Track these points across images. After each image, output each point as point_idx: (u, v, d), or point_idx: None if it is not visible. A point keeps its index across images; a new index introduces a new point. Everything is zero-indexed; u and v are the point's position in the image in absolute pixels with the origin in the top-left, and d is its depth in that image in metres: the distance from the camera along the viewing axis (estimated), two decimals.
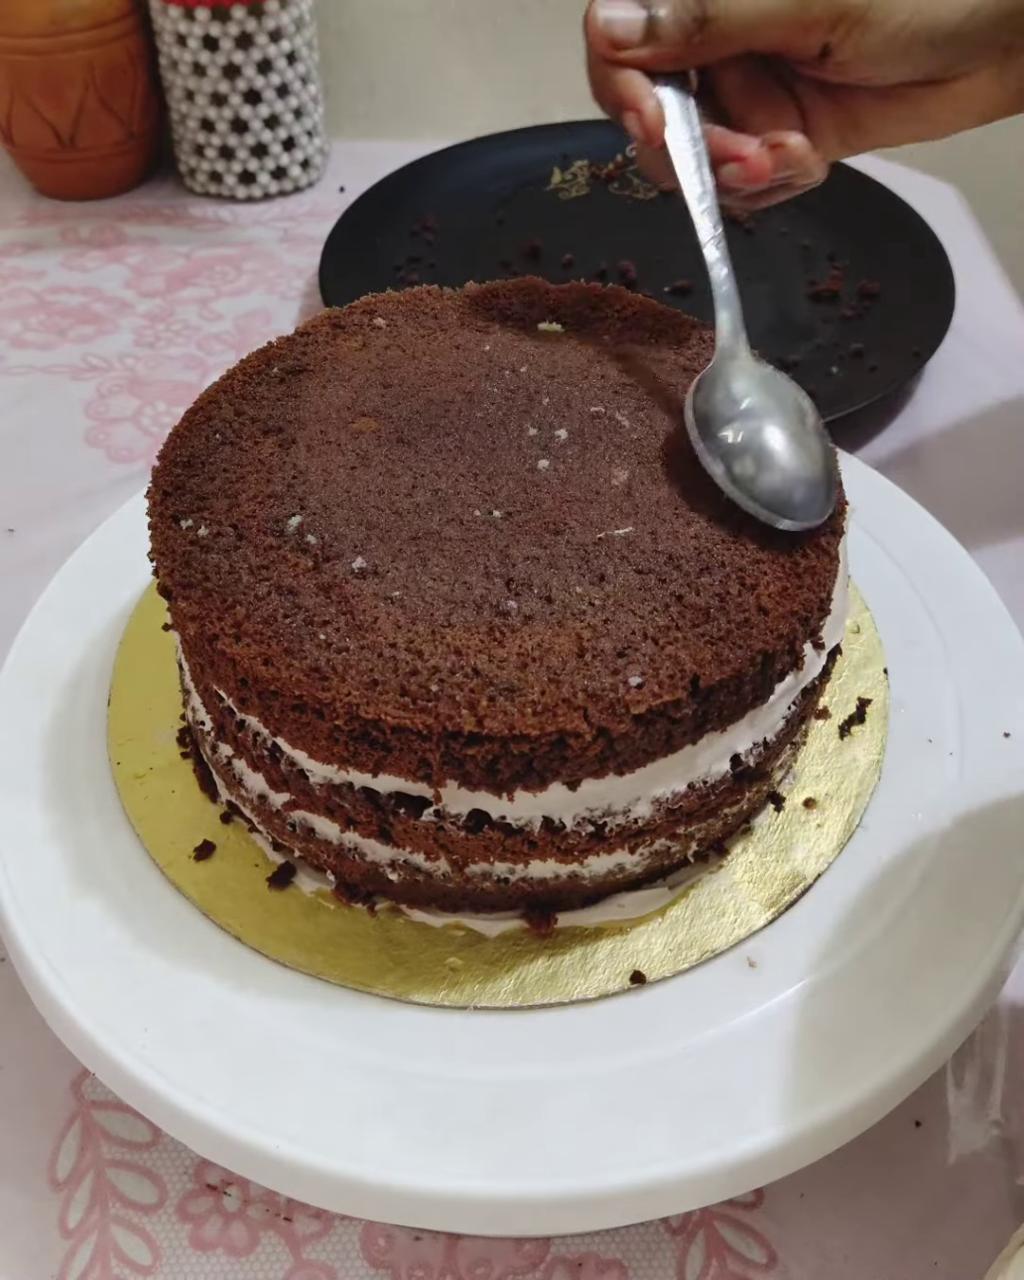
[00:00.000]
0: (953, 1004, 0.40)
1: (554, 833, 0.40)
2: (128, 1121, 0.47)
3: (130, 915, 0.44)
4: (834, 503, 0.42)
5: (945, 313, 0.81)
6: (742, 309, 0.47)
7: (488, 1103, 0.39)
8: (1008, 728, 0.48)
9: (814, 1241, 0.43)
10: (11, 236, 0.98)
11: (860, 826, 0.46)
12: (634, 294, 0.52)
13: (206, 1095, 0.39)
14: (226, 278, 0.93)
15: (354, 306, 0.52)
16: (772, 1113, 0.38)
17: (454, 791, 0.38)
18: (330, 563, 0.41)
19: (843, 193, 0.94)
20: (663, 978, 0.42)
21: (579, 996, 0.41)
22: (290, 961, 0.42)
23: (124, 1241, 0.44)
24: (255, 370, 0.49)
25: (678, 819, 0.41)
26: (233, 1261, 0.43)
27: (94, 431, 0.80)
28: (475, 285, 0.53)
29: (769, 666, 0.39)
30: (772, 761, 0.44)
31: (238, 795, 0.45)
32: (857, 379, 0.77)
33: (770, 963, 0.42)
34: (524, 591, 0.40)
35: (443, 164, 0.98)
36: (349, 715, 0.37)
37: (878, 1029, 0.40)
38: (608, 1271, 0.43)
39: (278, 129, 0.98)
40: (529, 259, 0.90)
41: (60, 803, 0.47)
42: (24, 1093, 0.48)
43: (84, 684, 0.51)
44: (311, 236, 0.96)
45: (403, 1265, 0.43)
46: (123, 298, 0.91)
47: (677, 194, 0.48)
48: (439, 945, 0.43)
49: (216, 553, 0.41)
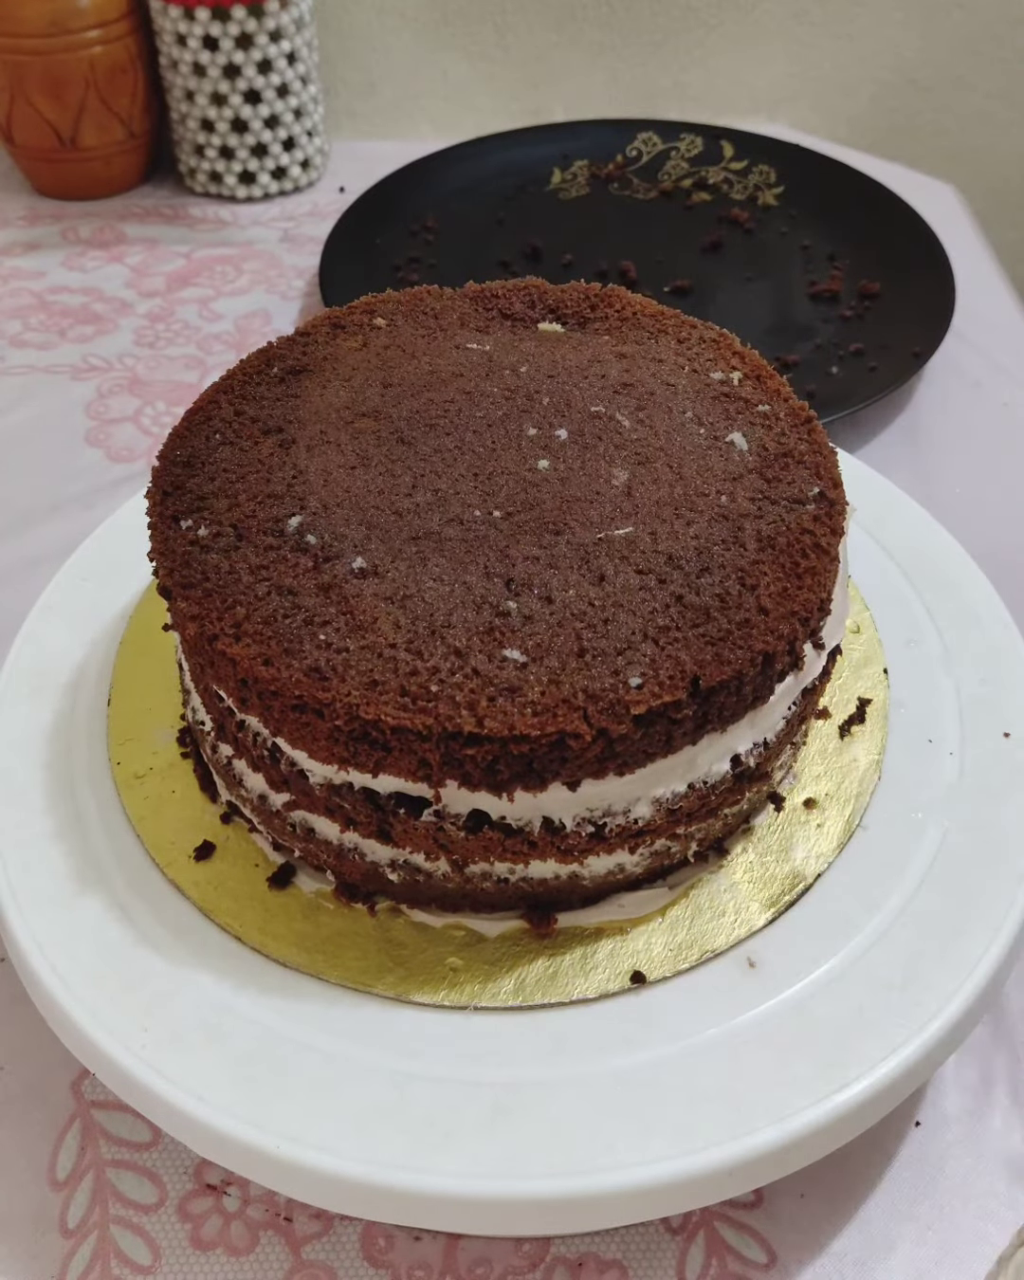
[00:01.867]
0: (953, 1004, 0.40)
1: (554, 833, 0.40)
2: (128, 1121, 0.47)
3: (130, 915, 0.44)
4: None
5: (945, 313, 0.81)
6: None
7: (488, 1103, 0.39)
8: (1008, 728, 0.48)
9: (814, 1241, 0.43)
10: (11, 236, 0.98)
11: (860, 826, 0.46)
12: (634, 294, 0.52)
13: (206, 1095, 0.39)
14: (226, 278, 0.93)
15: (354, 306, 0.52)
16: (772, 1113, 0.38)
17: (454, 792, 0.38)
18: (330, 563, 0.41)
19: (843, 193, 0.94)
20: (663, 978, 0.42)
21: (579, 996, 0.41)
22: (290, 961, 0.42)
23: (124, 1241, 0.44)
24: (255, 370, 0.49)
25: (678, 819, 0.41)
26: (233, 1261, 0.43)
27: (94, 431, 0.80)
28: (475, 285, 0.53)
29: (769, 667, 0.39)
30: (772, 762, 0.44)
31: (238, 795, 0.45)
32: (857, 379, 0.77)
33: (770, 963, 0.42)
34: (524, 592, 0.40)
35: (443, 164, 0.98)
36: (349, 715, 0.37)
37: (878, 1029, 0.40)
38: (608, 1271, 0.43)
39: (278, 129, 0.98)
40: (529, 259, 0.90)
41: (60, 803, 0.47)
42: (24, 1093, 0.48)
43: (84, 684, 0.51)
44: (311, 236, 0.96)
45: (403, 1265, 0.43)
46: (123, 298, 0.91)
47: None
48: (439, 945, 0.43)
49: (216, 553, 0.41)
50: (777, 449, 0.44)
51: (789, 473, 0.43)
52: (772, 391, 0.47)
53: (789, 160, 0.98)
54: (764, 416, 0.46)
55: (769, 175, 0.98)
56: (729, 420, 0.46)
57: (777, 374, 0.48)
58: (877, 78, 1.09)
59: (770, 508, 0.42)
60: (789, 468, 0.44)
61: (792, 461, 0.44)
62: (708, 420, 0.46)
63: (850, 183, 0.95)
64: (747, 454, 0.44)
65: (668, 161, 1.00)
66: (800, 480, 0.43)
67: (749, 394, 0.47)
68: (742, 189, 0.97)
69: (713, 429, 0.45)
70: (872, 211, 0.92)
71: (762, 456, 0.44)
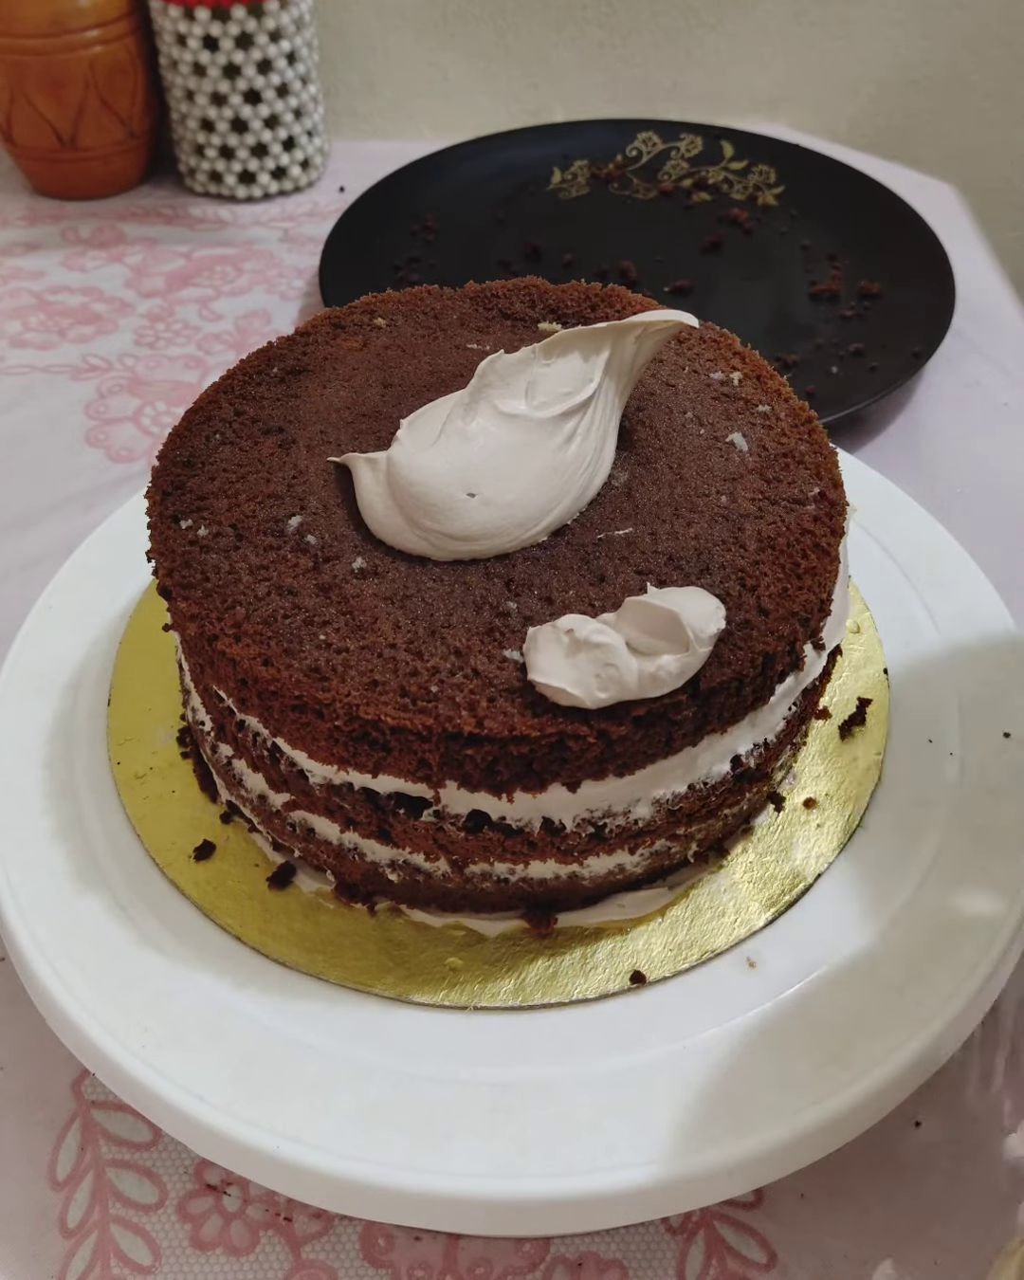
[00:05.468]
0: (953, 1004, 0.40)
1: (554, 834, 0.40)
2: (128, 1121, 0.47)
3: (130, 915, 0.44)
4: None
5: (945, 313, 0.81)
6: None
7: (488, 1103, 0.39)
8: (1008, 728, 0.48)
9: (814, 1241, 0.43)
10: (11, 236, 0.98)
11: (860, 826, 0.46)
12: (634, 294, 0.52)
13: (206, 1095, 0.39)
14: (226, 278, 0.93)
15: (354, 306, 0.52)
16: (772, 1113, 0.38)
17: (453, 792, 0.38)
18: (330, 563, 0.41)
19: (843, 193, 0.94)
20: (663, 978, 0.42)
21: (579, 996, 0.41)
22: (290, 961, 0.42)
23: (124, 1241, 0.44)
24: (255, 370, 0.49)
25: (678, 820, 0.41)
26: (233, 1261, 0.43)
27: (94, 431, 0.80)
28: (475, 285, 0.53)
29: (769, 667, 0.39)
30: (772, 762, 0.44)
31: (238, 795, 0.45)
32: (857, 379, 0.77)
33: (770, 963, 0.42)
34: (524, 592, 0.40)
35: (443, 164, 0.98)
36: (349, 716, 0.37)
37: (878, 1029, 0.40)
38: (608, 1271, 0.43)
39: (278, 129, 0.98)
40: (529, 259, 0.90)
41: (60, 803, 0.47)
42: (24, 1093, 0.48)
43: (84, 684, 0.51)
44: (311, 236, 0.96)
45: (403, 1265, 0.43)
46: (123, 298, 0.91)
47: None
48: (439, 945, 0.43)
49: (216, 553, 0.41)
50: (777, 449, 0.44)
51: (789, 473, 0.43)
52: (772, 391, 0.47)
53: (789, 160, 0.98)
54: (764, 416, 0.46)
55: (769, 175, 0.98)
56: (729, 420, 0.46)
57: (777, 374, 0.48)
58: (877, 78, 1.09)
59: (770, 508, 0.42)
60: (789, 468, 0.44)
61: (792, 462, 0.44)
62: (708, 420, 0.46)
63: (850, 183, 0.95)
64: (747, 454, 0.44)
65: (668, 161, 1.00)
66: (800, 480, 0.43)
67: (749, 394, 0.47)
68: (742, 189, 0.97)
69: (713, 429, 0.45)
70: (872, 211, 0.92)
71: (762, 457, 0.44)
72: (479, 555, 0.40)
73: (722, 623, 0.37)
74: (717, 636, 0.36)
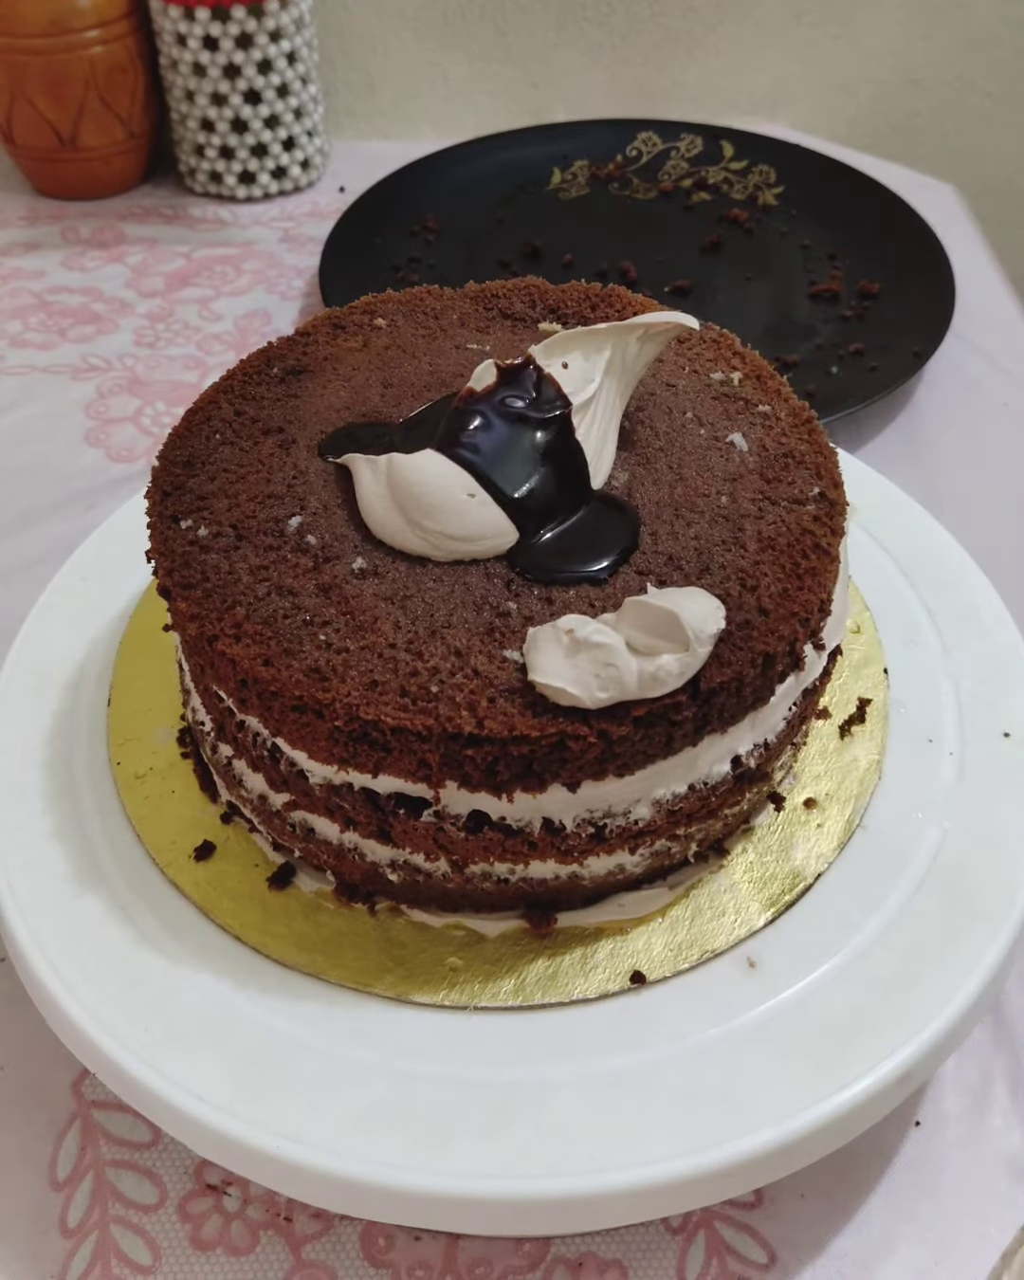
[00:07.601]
0: (953, 1004, 0.40)
1: (554, 834, 0.40)
2: (128, 1121, 0.47)
3: (130, 915, 0.44)
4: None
5: (945, 313, 0.81)
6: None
7: (488, 1103, 0.39)
8: (1008, 728, 0.48)
9: (814, 1241, 0.43)
10: (11, 236, 0.98)
11: (860, 826, 0.46)
12: (634, 294, 0.52)
13: (206, 1095, 0.39)
14: (226, 278, 0.93)
15: (354, 306, 0.52)
16: (772, 1113, 0.38)
17: (453, 792, 0.38)
18: (330, 563, 0.41)
19: (843, 193, 0.94)
20: (663, 978, 0.42)
21: (579, 996, 0.41)
22: (290, 961, 0.42)
23: (124, 1241, 0.44)
24: (255, 370, 0.49)
25: (678, 820, 0.41)
26: (233, 1261, 0.43)
27: (94, 431, 0.80)
28: (475, 285, 0.53)
29: (770, 668, 0.39)
30: (772, 762, 0.44)
31: (238, 795, 0.45)
32: (857, 379, 0.77)
33: (770, 963, 0.42)
34: (524, 592, 0.40)
35: (443, 164, 0.98)
36: (349, 716, 0.37)
37: (877, 1029, 0.40)
38: (608, 1271, 0.43)
39: (278, 129, 0.98)
40: (529, 259, 0.90)
41: (60, 803, 0.47)
42: (24, 1093, 0.48)
43: (84, 684, 0.51)
44: (311, 236, 0.96)
45: (403, 1265, 0.43)
46: (123, 298, 0.91)
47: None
48: (439, 945, 0.43)
49: (216, 553, 0.41)
50: (777, 449, 0.44)
51: (789, 473, 0.43)
52: (772, 392, 0.47)
53: (789, 160, 0.98)
54: (764, 417, 0.46)
55: (769, 175, 0.98)
56: (729, 420, 0.46)
57: (777, 374, 0.48)
58: (877, 78, 1.09)
59: (771, 508, 0.42)
60: (789, 468, 0.44)
61: (792, 462, 0.44)
62: (708, 420, 0.46)
63: (850, 183, 0.95)
64: (747, 454, 0.44)
65: (668, 161, 1.00)
66: (800, 480, 0.43)
67: (749, 394, 0.47)
68: (742, 189, 0.97)
69: (713, 429, 0.45)
70: (872, 211, 0.92)
71: (762, 457, 0.44)
72: (479, 555, 0.40)
73: (722, 623, 0.37)
74: (717, 636, 0.36)
